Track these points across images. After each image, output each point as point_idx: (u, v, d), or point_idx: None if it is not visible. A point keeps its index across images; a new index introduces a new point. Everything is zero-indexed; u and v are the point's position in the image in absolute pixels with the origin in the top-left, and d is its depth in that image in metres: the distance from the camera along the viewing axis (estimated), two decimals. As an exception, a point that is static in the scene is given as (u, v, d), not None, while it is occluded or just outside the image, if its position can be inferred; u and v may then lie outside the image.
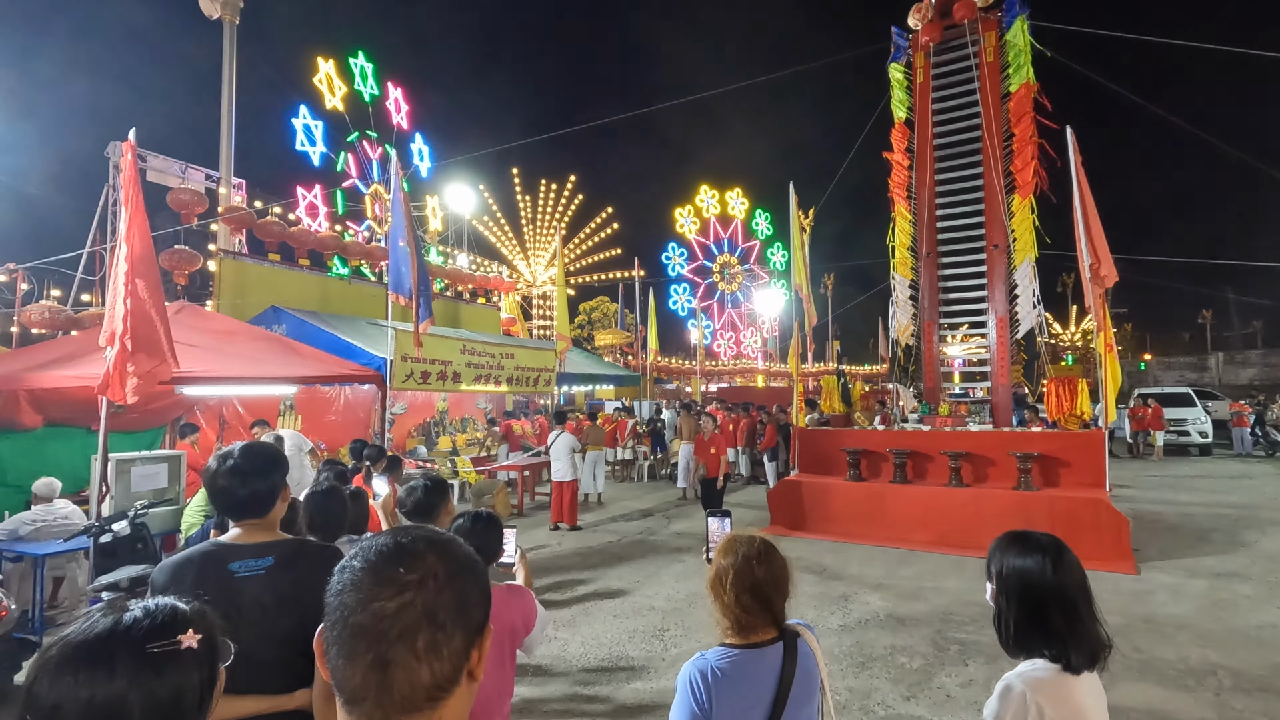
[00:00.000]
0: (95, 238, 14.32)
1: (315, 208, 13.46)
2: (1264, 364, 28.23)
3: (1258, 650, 4.84)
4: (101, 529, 5.00)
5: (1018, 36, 11.29)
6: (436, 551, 0.79)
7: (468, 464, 11.39)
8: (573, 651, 5.05)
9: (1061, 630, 1.49)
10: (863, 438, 9.69)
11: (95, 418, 5.65)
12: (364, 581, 0.75)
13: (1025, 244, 10.99)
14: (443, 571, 0.77)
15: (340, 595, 0.75)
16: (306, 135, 13.69)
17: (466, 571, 0.80)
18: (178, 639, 0.85)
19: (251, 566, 1.78)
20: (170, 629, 0.86)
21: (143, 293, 4.63)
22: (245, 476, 1.83)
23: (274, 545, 1.85)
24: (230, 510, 1.88)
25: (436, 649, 0.74)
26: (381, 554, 0.77)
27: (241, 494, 1.84)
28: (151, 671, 0.81)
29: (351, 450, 6.49)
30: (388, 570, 0.75)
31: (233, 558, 1.80)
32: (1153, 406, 17.13)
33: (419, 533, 0.82)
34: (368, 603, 0.73)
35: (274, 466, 1.91)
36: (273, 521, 1.93)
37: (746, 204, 36.21)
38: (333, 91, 14.29)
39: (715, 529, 2.09)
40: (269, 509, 1.90)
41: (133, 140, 5.10)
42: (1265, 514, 9.55)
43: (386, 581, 0.74)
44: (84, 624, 0.83)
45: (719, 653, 1.62)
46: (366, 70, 15.08)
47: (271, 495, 1.89)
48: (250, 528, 1.87)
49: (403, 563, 0.76)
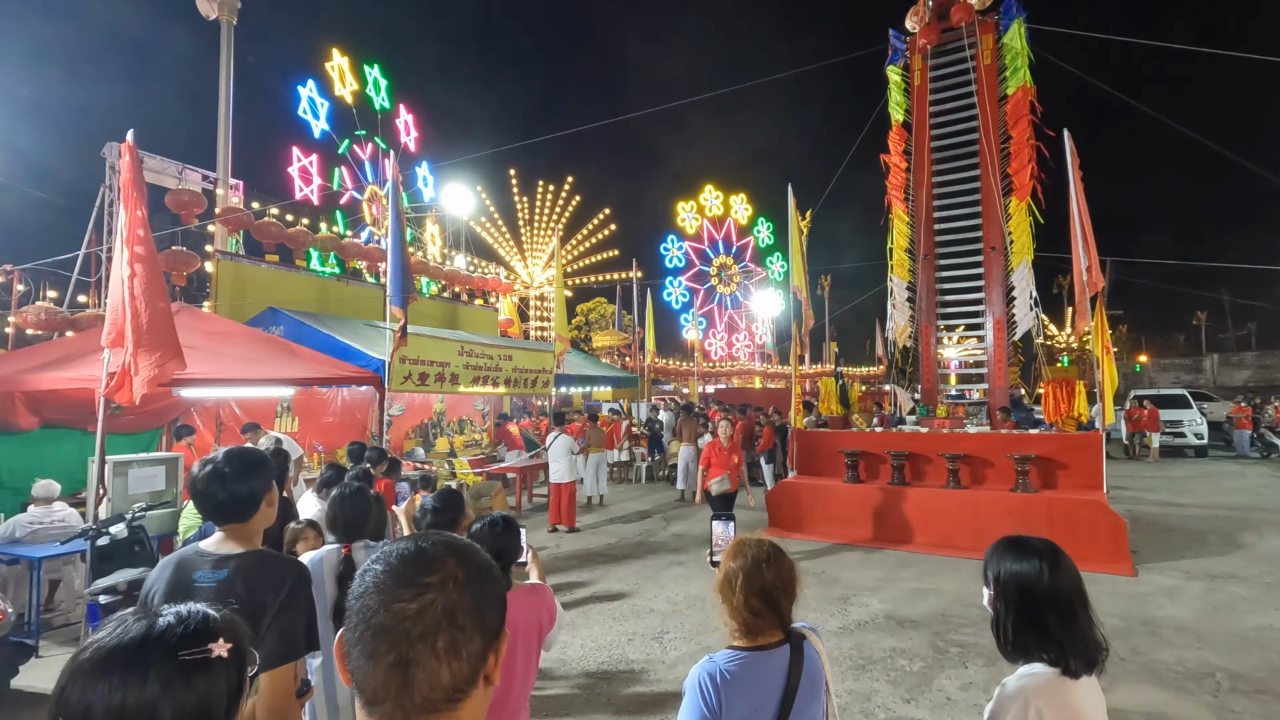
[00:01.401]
0: (92, 239, 14.25)
1: (308, 172, 13.57)
2: (1258, 366, 28.33)
3: (1256, 652, 4.86)
4: (99, 532, 4.98)
5: (1015, 39, 11.34)
6: (456, 556, 0.81)
7: (465, 465, 11.38)
8: (572, 655, 5.04)
9: (1059, 634, 1.50)
10: (861, 439, 9.70)
11: (92, 419, 5.62)
12: (386, 583, 0.76)
13: (1022, 246, 11.03)
14: (462, 575, 0.79)
15: (362, 598, 0.77)
16: (311, 108, 13.81)
17: (484, 577, 0.82)
18: (209, 647, 0.85)
19: (209, 577, 1.75)
20: (202, 637, 0.86)
21: (149, 291, 4.64)
22: (224, 480, 1.82)
23: (236, 556, 1.81)
24: (210, 514, 1.87)
25: (456, 650, 0.75)
26: (403, 557, 0.79)
27: (220, 497, 1.82)
28: (182, 680, 0.81)
29: (350, 453, 6.47)
30: (409, 572, 0.77)
31: (198, 566, 1.78)
32: (1148, 408, 17.18)
33: (439, 538, 0.84)
34: (390, 604, 0.75)
35: (255, 471, 1.89)
36: (253, 528, 1.90)
37: (750, 210, 36.47)
38: (344, 83, 14.45)
39: (720, 533, 2.10)
40: (250, 514, 1.88)
41: (131, 141, 5.08)
42: (1261, 516, 9.59)
43: (408, 583, 0.76)
44: (117, 628, 0.83)
45: (727, 655, 1.63)
46: (380, 84, 15.33)
47: (252, 499, 1.87)
48: (229, 533, 1.86)
49: (424, 566, 0.78)
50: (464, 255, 18.70)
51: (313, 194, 13.51)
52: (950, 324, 12.54)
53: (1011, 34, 11.41)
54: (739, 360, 34.77)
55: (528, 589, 2.26)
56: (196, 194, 10.66)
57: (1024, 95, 11.18)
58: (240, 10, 12.08)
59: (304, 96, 13.81)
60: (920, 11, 12.49)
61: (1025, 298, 10.94)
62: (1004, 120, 11.50)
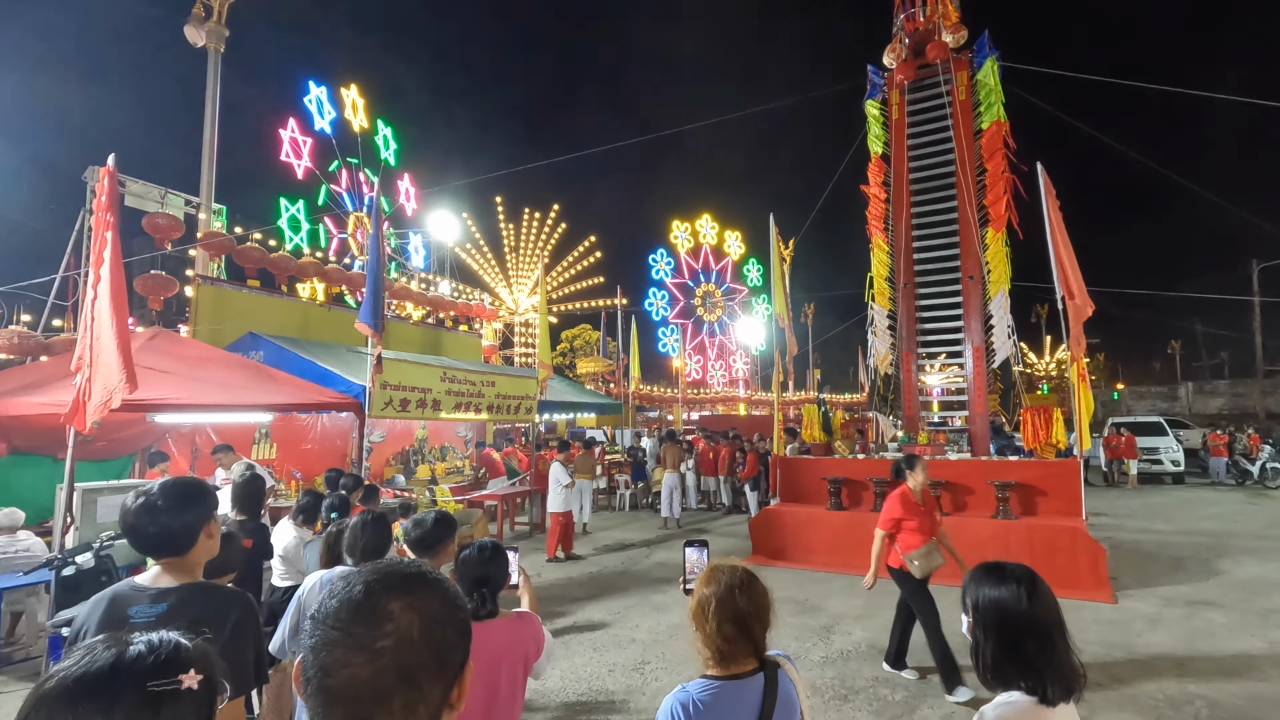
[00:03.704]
0: (70, 262, 14.09)
1: (298, 144, 13.59)
2: (1231, 394, 28.89)
3: (1234, 679, 4.87)
4: (64, 561, 4.84)
5: (988, 76, 11.69)
6: (411, 602, 0.77)
7: (446, 493, 11.23)
8: (552, 685, 4.95)
9: (1037, 661, 1.49)
10: (843, 466, 9.72)
11: (62, 446, 5.50)
12: (336, 642, 0.73)
13: (999, 276, 11.24)
14: (417, 629, 0.75)
15: (314, 650, 0.74)
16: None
17: (443, 622, 0.79)
18: (179, 678, 0.82)
19: (145, 613, 1.65)
20: (173, 667, 0.83)
21: (110, 313, 4.57)
22: (156, 513, 1.73)
23: (174, 590, 1.71)
24: (143, 549, 1.78)
25: (413, 708, 0.73)
26: (353, 613, 0.75)
27: (151, 530, 1.73)
28: (150, 712, 0.79)
29: (327, 480, 6.38)
30: (360, 630, 0.74)
31: (134, 601, 1.68)
32: (1126, 436, 17.42)
33: (394, 580, 0.79)
34: (340, 667, 0.72)
35: (190, 503, 1.79)
36: (192, 561, 1.80)
37: (743, 249, 36.99)
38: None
39: (693, 559, 2.08)
40: (186, 548, 1.77)
41: (112, 165, 5.07)
42: (1237, 542, 9.69)
43: (359, 647, 0.73)
44: (84, 656, 0.80)
45: (700, 684, 1.61)
46: (391, 143, 16.00)
47: (187, 533, 1.77)
48: (166, 566, 1.76)
49: (375, 623, 0.74)
50: (449, 281, 18.69)
51: (298, 166, 13.65)
52: (931, 351, 12.70)
53: (985, 71, 11.78)
54: (726, 387, 34.83)
55: (514, 618, 2.19)
56: (174, 218, 10.63)
57: (998, 130, 11.50)
58: (229, 39, 12.18)
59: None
60: (897, 49, 12.86)
61: (1003, 326, 11.12)
62: (979, 153, 11.81)
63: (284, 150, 13.82)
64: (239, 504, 4.17)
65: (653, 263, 34.17)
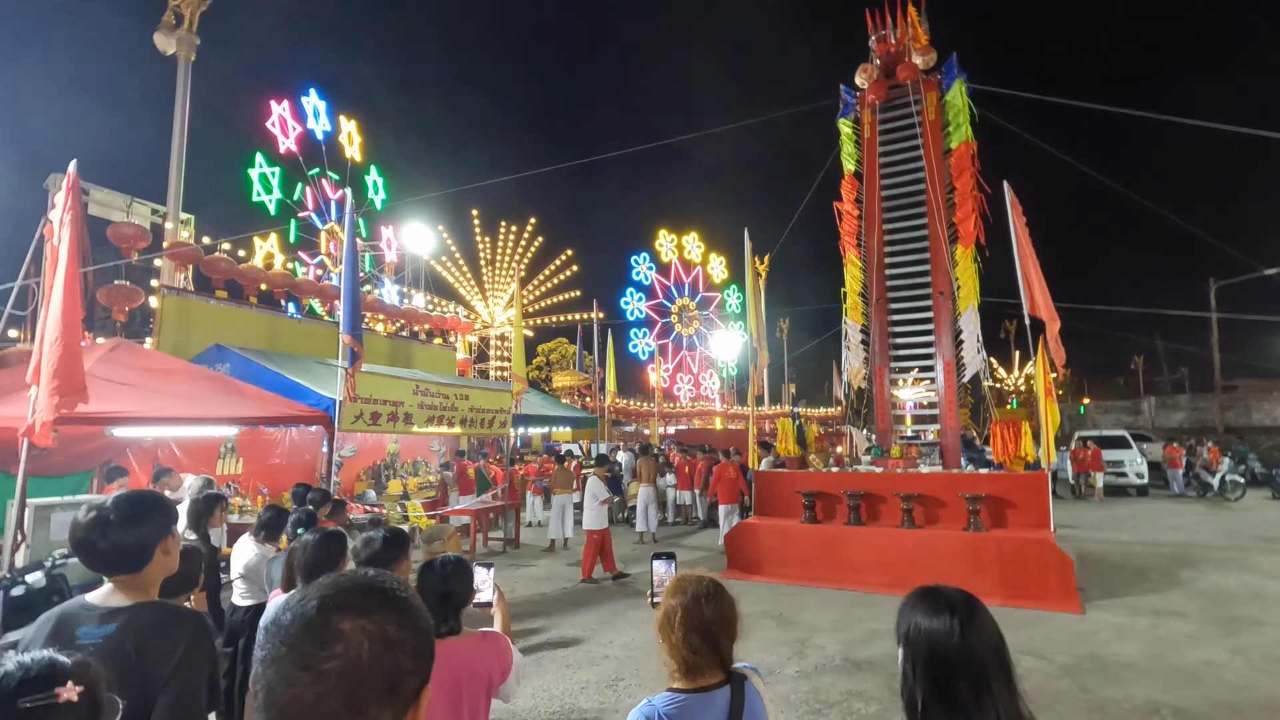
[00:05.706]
0: (29, 271, 13.70)
1: (285, 122, 13.45)
2: (1192, 408, 29.68)
3: (1199, 688, 4.95)
4: (13, 581, 4.63)
5: (956, 97, 11.97)
6: (364, 623, 0.73)
7: (419, 508, 11.04)
8: (522, 705, 4.85)
9: (968, 704, 1.25)
10: (818, 480, 9.77)
11: (16, 460, 5.30)
12: (284, 660, 0.70)
13: (969, 292, 11.43)
14: (367, 652, 0.71)
15: (263, 664, 0.71)
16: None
17: (396, 645, 0.74)
18: (55, 692, 0.80)
19: (94, 633, 1.57)
20: (48, 681, 0.81)
21: (59, 322, 4.44)
22: (107, 528, 1.64)
23: (126, 609, 1.63)
24: (95, 566, 1.69)
25: None
26: (303, 630, 0.71)
27: (102, 547, 1.63)
28: None
29: (294, 495, 6.22)
30: (307, 649, 0.70)
31: (82, 621, 1.60)
32: (1092, 449, 17.79)
33: (350, 597, 0.75)
34: (286, 686, 0.68)
35: (145, 517, 1.70)
36: (147, 579, 1.72)
37: (726, 274, 37.24)
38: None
39: (661, 571, 2.05)
40: (140, 564, 1.69)
41: (74, 171, 4.94)
42: (1199, 552, 9.91)
43: (305, 667, 0.69)
44: None
45: (666, 698, 1.58)
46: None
47: (140, 549, 1.68)
48: (119, 584, 1.68)
49: (323, 644, 0.70)
50: (423, 293, 18.53)
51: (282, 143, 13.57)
52: (903, 366, 12.85)
53: (953, 92, 12.06)
54: (703, 400, 34.91)
55: (479, 637, 2.10)
56: (140, 228, 10.41)
57: (966, 149, 11.75)
58: (199, 47, 12.03)
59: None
60: (869, 69, 13.12)
61: (973, 341, 11.30)
62: (949, 172, 12.05)
63: (271, 120, 13.63)
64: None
65: (634, 264, 34.31)
